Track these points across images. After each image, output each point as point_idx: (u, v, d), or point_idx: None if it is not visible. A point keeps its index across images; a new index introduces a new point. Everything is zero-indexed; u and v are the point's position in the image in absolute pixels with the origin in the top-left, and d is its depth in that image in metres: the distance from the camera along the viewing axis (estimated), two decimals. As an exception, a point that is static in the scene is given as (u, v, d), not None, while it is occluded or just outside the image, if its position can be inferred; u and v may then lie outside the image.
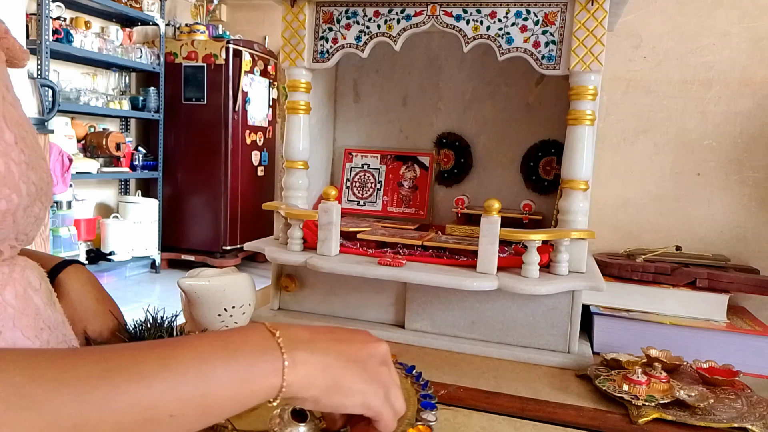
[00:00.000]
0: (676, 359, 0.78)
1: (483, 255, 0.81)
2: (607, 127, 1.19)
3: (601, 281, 0.82)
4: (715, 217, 1.15)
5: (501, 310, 0.87)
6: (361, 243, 0.93)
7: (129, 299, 3.68)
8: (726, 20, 1.12)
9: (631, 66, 1.18)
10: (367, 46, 0.92)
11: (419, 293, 0.90)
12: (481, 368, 0.81)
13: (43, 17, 3.37)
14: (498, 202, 0.80)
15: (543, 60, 0.84)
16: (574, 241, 0.85)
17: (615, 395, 0.68)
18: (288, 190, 1.00)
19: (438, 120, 1.13)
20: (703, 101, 1.15)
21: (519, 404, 0.70)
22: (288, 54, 0.95)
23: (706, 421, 0.63)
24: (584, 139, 0.84)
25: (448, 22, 0.87)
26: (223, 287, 0.77)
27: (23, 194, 0.46)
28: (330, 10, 0.93)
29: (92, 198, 4.35)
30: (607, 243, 1.18)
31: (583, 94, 0.83)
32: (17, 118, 0.48)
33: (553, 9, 0.84)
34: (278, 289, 0.99)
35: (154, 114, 4.45)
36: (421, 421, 0.56)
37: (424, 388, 0.63)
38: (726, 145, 1.14)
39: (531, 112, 1.07)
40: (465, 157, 1.11)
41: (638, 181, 1.19)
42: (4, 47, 0.53)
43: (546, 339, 0.86)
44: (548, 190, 1.07)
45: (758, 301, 1.03)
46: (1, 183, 0.44)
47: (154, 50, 4.44)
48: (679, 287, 0.92)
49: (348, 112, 1.18)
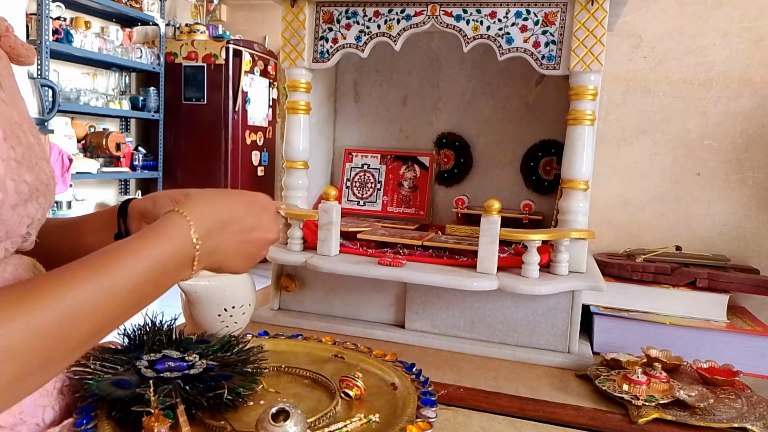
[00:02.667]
0: (676, 359, 0.78)
1: (483, 255, 0.81)
2: (607, 127, 1.19)
3: (601, 281, 0.82)
4: (715, 217, 1.15)
5: (501, 310, 0.87)
6: (361, 243, 0.93)
7: (129, 299, 3.68)
8: (726, 20, 1.12)
9: (631, 66, 1.18)
10: (367, 46, 0.92)
11: (419, 293, 0.90)
12: (481, 368, 0.81)
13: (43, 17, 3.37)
14: (498, 202, 0.80)
15: (543, 60, 0.84)
16: (574, 241, 0.85)
17: (615, 395, 0.68)
18: (288, 190, 1.00)
19: (438, 120, 1.13)
20: (703, 101, 1.15)
21: (519, 404, 0.70)
22: (288, 54, 0.95)
23: (706, 421, 0.63)
24: (584, 139, 0.84)
25: (448, 22, 0.87)
26: (223, 287, 0.77)
27: (10, 191, 0.45)
28: (330, 10, 0.93)
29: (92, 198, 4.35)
30: (607, 243, 1.18)
31: (583, 94, 0.83)
32: (9, 115, 0.47)
33: (553, 9, 0.84)
34: (278, 289, 0.99)
35: (154, 114, 4.45)
36: (421, 418, 0.56)
37: (424, 385, 0.64)
38: (726, 145, 1.14)
39: (531, 112, 1.07)
40: (465, 157, 1.11)
41: (638, 181, 1.19)
42: (6, 45, 0.52)
43: (546, 339, 0.86)
44: (548, 190, 1.06)
45: (758, 301, 1.03)
46: None
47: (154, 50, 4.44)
48: (679, 287, 0.92)
49: (348, 112, 1.18)
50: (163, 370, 0.57)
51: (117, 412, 0.53)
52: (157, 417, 0.50)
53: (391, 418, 0.57)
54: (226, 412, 0.55)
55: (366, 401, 0.61)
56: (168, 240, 0.49)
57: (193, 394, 0.54)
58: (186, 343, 0.65)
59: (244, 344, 0.66)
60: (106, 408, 0.54)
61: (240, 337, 0.68)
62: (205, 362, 0.60)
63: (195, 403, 0.54)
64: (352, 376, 0.62)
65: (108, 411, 0.53)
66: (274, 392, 0.63)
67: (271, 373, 0.68)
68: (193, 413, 0.54)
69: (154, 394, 0.51)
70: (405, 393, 0.62)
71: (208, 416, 0.54)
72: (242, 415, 0.56)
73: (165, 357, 0.60)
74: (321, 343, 0.76)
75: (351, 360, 0.72)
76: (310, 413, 0.56)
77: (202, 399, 0.54)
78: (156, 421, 0.49)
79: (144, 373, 0.56)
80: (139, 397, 0.52)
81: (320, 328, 0.92)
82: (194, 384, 0.55)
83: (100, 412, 0.53)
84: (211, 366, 0.59)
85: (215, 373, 0.58)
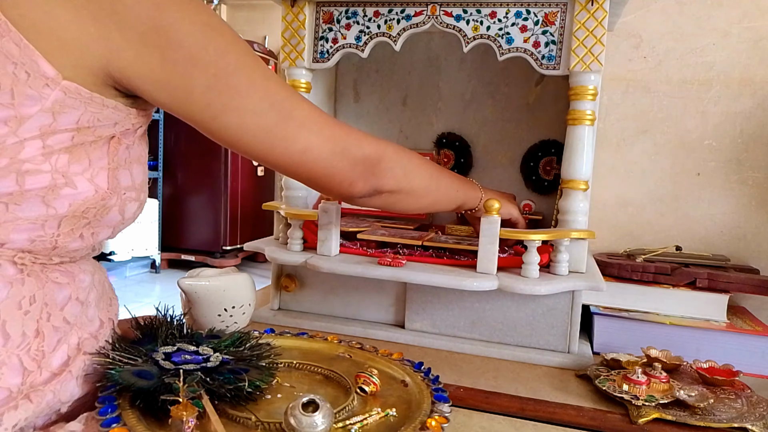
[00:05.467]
0: (676, 359, 0.78)
1: (483, 255, 0.81)
2: (607, 127, 1.19)
3: (601, 281, 0.82)
4: (715, 217, 1.15)
5: (501, 310, 0.87)
6: (361, 243, 0.93)
7: (129, 299, 3.68)
8: (726, 20, 1.12)
9: (631, 66, 1.18)
10: (367, 46, 0.92)
11: (419, 293, 0.90)
12: (481, 368, 0.81)
13: (43, 17, 3.36)
14: (498, 202, 0.80)
15: (543, 60, 0.84)
16: (574, 241, 0.85)
17: (615, 395, 0.68)
18: (288, 190, 1.00)
19: (438, 120, 1.13)
20: (703, 101, 1.15)
21: (519, 404, 0.70)
22: (288, 54, 0.95)
23: (706, 421, 0.63)
24: (584, 139, 0.84)
25: (448, 22, 0.87)
26: (223, 287, 0.77)
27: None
28: (330, 10, 0.93)
29: (92, 198, 4.34)
30: (607, 243, 1.18)
31: (583, 94, 0.83)
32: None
33: (553, 9, 0.84)
34: (278, 289, 0.99)
35: (154, 114, 4.44)
36: (437, 412, 0.57)
37: (435, 382, 0.64)
38: (726, 145, 1.14)
39: (531, 112, 1.07)
40: (465, 157, 1.11)
41: (638, 181, 1.19)
42: None
43: (546, 339, 0.86)
44: (548, 190, 1.07)
45: (758, 301, 1.03)
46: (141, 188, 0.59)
47: (154, 50, 4.43)
48: (679, 287, 0.92)
49: (348, 112, 1.18)
50: (180, 363, 0.57)
51: (141, 401, 0.53)
52: (186, 406, 0.50)
53: (407, 413, 0.58)
54: (246, 404, 0.56)
55: (380, 397, 0.62)
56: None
57: (215, 386, 0.55)
58: (197, 337, 0.65)
59: (255, 340, 0.67)
60: (129, 397, 0.54)
61: (250, 333, 0.69)
62: (221, 356, 0.60)
63: (217, 394, 0.55)
64: (368, 373, 0.62)
65: (131, 400, 0.54)
66: (289, 387, 0.63)
67: (282, 369, 0.68)
68: (215, 404, 0.54)
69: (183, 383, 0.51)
70: (417, 390, 0.63)
71: (230, 407, 0.55)
72: (261, 408, 0.57)
73: (180, 350, 0.60)
74: (327, 342, 0.77)
75: (358, 358, 0.72)
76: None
77: (224, 390, 0.55)
78: (185, 410, 0.50)
79: (163, 365, 0.57)
80: (166, 386, 0.52)
81: (320, 328, 0.92)
82: (214, 376, 0.56)
83: (122, 401, 0.53)
84: (227, 360, 0.60)
85: (232, 366, 0.59)
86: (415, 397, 0.61)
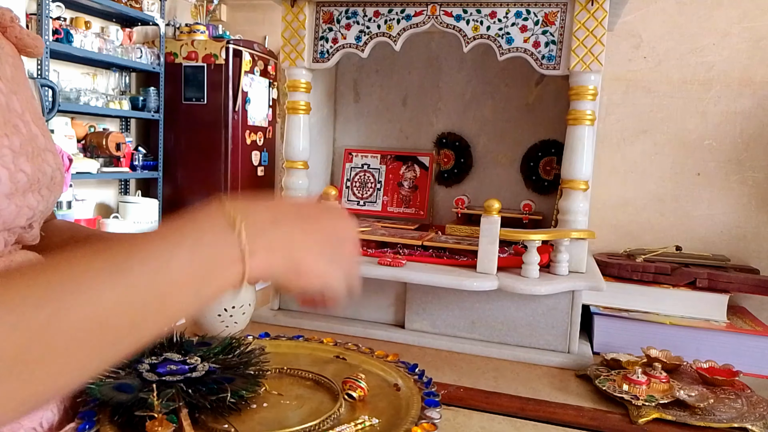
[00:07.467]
0: (676, 359, 0.77)
1: (483, 255, 0.81)
2: (607, 127, 1.19)
3: (601, 281, 0.82)
4: (715, 217, 1.15)
5: (501, 310, 0.87)
6: (361, 243, 0.93)
7: (129, 299, 3.68)
8: (726, 20, 1.12)
9: (631, 66, 1.18)
10: (367, 46, 0.92)
11: (419, 293, 0.90)
12: (481, 368, 0.81)
13: (43, 17, 3.37)
14: (498, 202, 0.80)
15: (543, 60, 0.84)
16: (574, 241, 0.85)
17: (615, 395, 0.68)
18: (288, 190, 1.00)
19: (438, 120, 1.13)
20: (703, 101, 1.15)
21: (519, 404, 0.70)
22: (288, 54, 0.95)
23: (706, 421, 0.63)
24: (584, 139, 0.84)
25: (448, 22, 0.87)
26: (223, 287, 0.76)
27: (3, 180, 0.44)
28: (330, 10, 0.93)
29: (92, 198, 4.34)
30: (607, 243, 1.18)
31: (583, 94, 0.83)
32: (5, 103, 0.47)
33: (553, 9, 0.84)
34: (278, 289, 0.99)
35: (154, 114, 4.44)
36: (425, 419, 0.56)
37: (427, 386, 0.63)
38: (726, 145, 1.14)
39: (531, 112, 1.07)
40: (465, 157, 1.11)
41: (638, 181, 1.19)
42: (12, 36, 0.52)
43: (546, 339, 0.85)
44: (548, 190, 1.06)
45: (758, 301, 1.03)
46: None
47: (154, 50, 4.43)
48: (679, 287, 0.92)
49: (348, 112, 1.18)
50: (164, 374, 0.57)
51: (119, 416, 0.53)
52: (161, 421, 0.49)
53: (395, 419, 0.57)
54: (229, 415, 0.55)
55: (369, 402, 0.61)
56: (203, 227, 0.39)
57: (195, 398, 0.54)
58: (187, 345, 0.65)
59: (245, 346, 0.66)
60: (108, 412, 0.53)
61: (241, 339, 0.68)
62: (207, 365, 0.59)
63: (198, 406, 0.54)
64: (355, 378, 0.62)
65: (110, 415, 0.53)
66: (276, 394, 0.63)
67: (273, 375, 0.68)
68: (196, 417, 0.54)
69: (157, 398, 0.51)
70: (408, 394, 0.62)
71: (212, 420, 0.54)
72: (245, 418, 0.56)
73: (166, 360, 0.60)
74: (322, 344, 0.76)
75: (353, 361, 0.72)
76: (313, 415, 0.56)
77: (205, 402, 0.54)
78: (159, 426, 0.49)
79: (146, 377, 0.56)
80: (141, 401, 0.52)
81: (320, 328, 0.92)
82: (197, 387, 0.55)
83: (102, 416, 0.53)
84: (213, 369, 0.59)
85: (217, 375, 0.58)
86: (405, 402, 0.60)
